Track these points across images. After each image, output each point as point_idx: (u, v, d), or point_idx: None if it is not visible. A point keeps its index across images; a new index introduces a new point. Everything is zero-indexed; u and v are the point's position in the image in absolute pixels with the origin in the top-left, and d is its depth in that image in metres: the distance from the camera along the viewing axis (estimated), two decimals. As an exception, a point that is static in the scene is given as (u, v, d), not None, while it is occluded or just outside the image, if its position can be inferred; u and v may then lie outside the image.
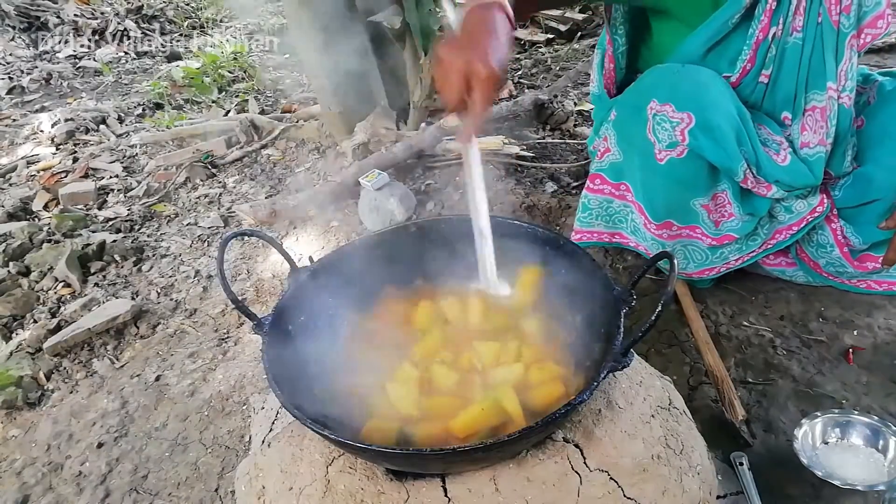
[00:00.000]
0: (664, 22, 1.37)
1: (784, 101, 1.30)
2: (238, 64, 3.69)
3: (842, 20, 1.19)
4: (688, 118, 1.19)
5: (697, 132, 1.18)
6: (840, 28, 1.20)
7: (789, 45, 1.24)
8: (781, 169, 1.25)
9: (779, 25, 1.22)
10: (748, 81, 1.29)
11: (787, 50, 1.24)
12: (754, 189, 1.27)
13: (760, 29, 1.22)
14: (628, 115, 1.30)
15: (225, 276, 0.85)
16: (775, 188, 1.26)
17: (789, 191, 1.28)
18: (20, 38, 4.60)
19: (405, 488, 0.81)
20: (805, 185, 1.28)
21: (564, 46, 3.55)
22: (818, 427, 1.13)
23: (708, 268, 1.44)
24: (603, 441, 0.84)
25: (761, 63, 1.26)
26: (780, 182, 1.26)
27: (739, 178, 1.24)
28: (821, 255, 1.42)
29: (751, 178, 1.24)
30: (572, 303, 0.97)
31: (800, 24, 1.21)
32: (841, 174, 1.35)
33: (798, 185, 1.27)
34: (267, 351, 0.86)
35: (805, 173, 1.27)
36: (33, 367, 1.61)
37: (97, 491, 1.29)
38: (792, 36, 1.23)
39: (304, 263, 1.03)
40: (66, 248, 2.01)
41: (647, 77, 1.28)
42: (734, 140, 1.19)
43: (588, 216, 1.47)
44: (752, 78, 1.28)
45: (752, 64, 1.26)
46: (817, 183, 1.29)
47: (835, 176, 1.36)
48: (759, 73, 1.27)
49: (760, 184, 1.26)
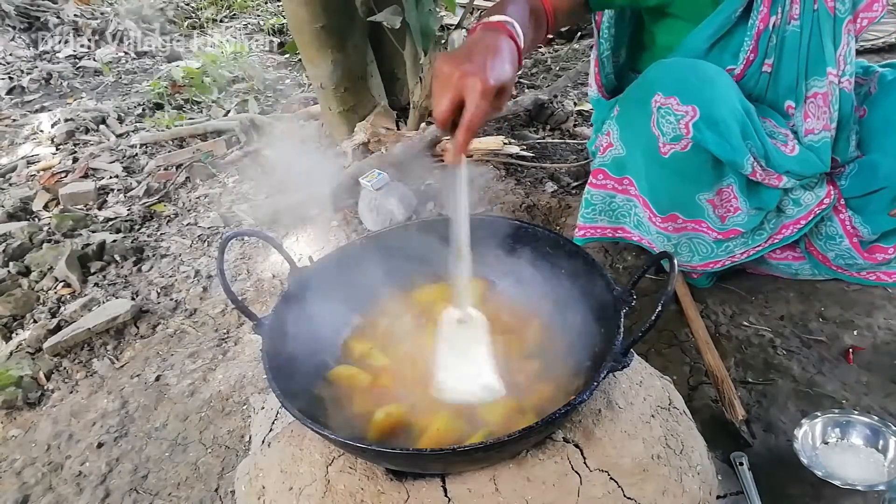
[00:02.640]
0: (662, 22, 1.37)
1: (787, 90, 1.31)
2: (238, 64, 3.69)
3: (837, 5, 1.22)
4: (692, 111, 1.19)
5: (702, 125, 1.19)
6: (836, 14, 1.22)
7: (788, 33, 1.25)
8: (791, 159, 1.26)
9: (777, 14, 1.23)
10: (752, 72, 1.30)
11: (786, 38, 1.26)
12: (764, 181, 1.27)
13: (760, 19, 1.24)
14: (632, 109, 1.30)
15: (225, 276, 0.85)
16: (786, 178, 1.27)
17: (800, 179, 1.29)
18: (20, 38, 4.60)
19: (405, 488, 0.81)
20: (815, 173, 1.29)
21: (564, 46, 3.55)
22: (818, 427, 1.13)
23: (713, 261, 1.44)
24: (603, 441, 0.84)
25: (763, 53, 1.27)
26: (790, 172, 1.27)
27: (747, 171, 1.24)
28: (830, 247, 1.43)
29: (759, 170, 1.25)
30: (572, 303, 0.97)
31: (797, 12, 1.23)
32: (847, 160, 1.36)
33: (808, 174, 1.28)
34: (267, 351, 0.86)
35: (814, 161, 1.28)
36: (33, 367, 1.61)
37: (97, 491, 1.29)
38: (790, 24, 1.24)
39: (304, 263, 1.03)
40: (66, 248, 2.01)
41: (652, 71, 1.28)
42: (739, 134, 1.20)
43: (591, 212, 1.48)
44: (756, 68, 1.30)
45: (755, 54, 1.28)
46: (826, 169, 1.30)
47: (841, 162, 1.36)
48: (762, 63, 1.29)
49: (770, 175, 1.27)
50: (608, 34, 1.45)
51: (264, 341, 0.87)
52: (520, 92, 2.96)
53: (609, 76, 1.52)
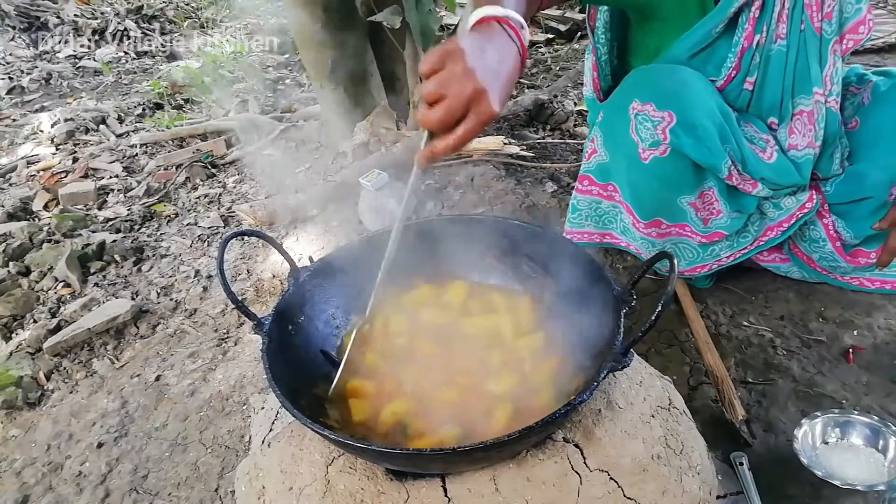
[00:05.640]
0: (648, 26, 1.37)
1: (770, 108, 1.31)
2: (238, 64, 3.69)
3: (824, 27, 1.22)
4: (669, 117, 1.19)
5: (679, 130, 1.19)
6: (822, 34, 1.22)
7: (773, 52, 1.25)
8: (767, 166, 1.26)
9: (762, 33, 1.23)
10: (733, 87, 1.30)
11: (771, 57, 1.26)
12: (739, 186, 1.27)
13: (745, 37, 1.24)
14: (613, 116, 1.31)
15: (225, 276, 0.85)
16: (761, 186, 1.27)
17: (775, 189, 1.29)
18: (20, 38, 4.60)
19: (405, 488, 0.81)
20: (791, 184, 1.29)
21: (564, 46, 3.55)
22: (818, 427, 1.13)
23: (699, 265, 1.44)
24: (603, 441, 0.84)
25: (746, 70, 1.27)
26: (765, 180, 1.26)
27: (724, 175, 1.24)
28: (814, 249, 1.43)
29: (735, 175, 1.25)
30: (572, 303, 0.97)
31: (783, 32, 1.23)
32: (829, 176, 1.36)
33: (784, 184, 1.28)
34: (267, 351, 0.86)
35: (791, 171, 1.28)
36: (33, 367, 1.61)
37: (97, 491, 1.29)
38: (776, 43, 1.24)
39: (304, 263, 1.03)
40: (66, 248, 2.01)
41: (630, 78, 1.29)
42: (717, 137, 1.20)
43: (578, 217, 1.48)
44: (737, 84, 1.30)
45: (737, 71, 1.28)
46: (804, 183, 1.30)
47: (822, 178, 1.36)
48: (743, 80, 1.29)
49: (746, 181, 1.27)
50: (604, 39, 1.45)
51: (264, 341, 0.87)
52: (520, 92, 2.96)
53: (606, 77, 1.52)
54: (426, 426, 0.87)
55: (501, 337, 0.99)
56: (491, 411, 0.88)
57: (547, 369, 0.94)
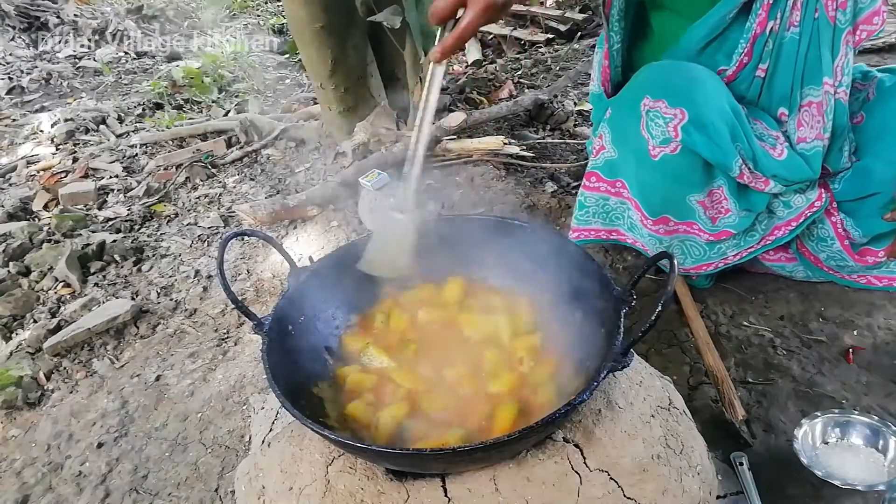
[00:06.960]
0: (662, 13, 1.37)
1: (780, 97, 1.31)
2: (238, 64, 3.69)
3: (838, 16, 1.21)
4: (681, 114, 1.19)
5: (690, 128, 1.19)
6: (836, 24, 1.21)
7: (786, 40, 1.25)
8: (778, 163, 1.26)
9: (776, 20, 1.23)
10: (745, 75, 1.30)
11: (783, 45, 1.25)
12: (751, 184, 1.27)
13: (758, 23, 1.23)
14: (623, 112, 1.31)
15: (225, 276, 0.85)
16: (773, 183, 1.27)
17: (787, 185, 1.28)
18: (20, 38, 4.60)
19: (405, 488, 0.81)
20: (803, 179, 1.29)
21: (564, 46, 3.55)
22: (818, 427, 1.13)
23: (706, 263, 1.44)
24: (603, 441, 0.84)
25: (758, 57, 1.27)
26: (777, 176, 1.26)
27: (735, 173, 1.24)
28: (821, 248, 1.43)
29: (747, 173, 1.25)
30: (572, 302, 0.97)
31: (797, 19, 1.22)
32: (838, 169, 1.36)
33: (796, 179, 1.28)
34: (267, 351, 0.86)
35: (802, 167, 1.27)
36: (33, 367, 1.61)
37: (97, 491, 1.29)
38: (789, 31, 1.24)
39: (304, 263, 1.03)
40: (66, 248, 2.01)
41: (642, 74, 1.28)
42: (728, 136, 1.19)
43: (585, 214, 1.48)
44: (749, 72, 1.29)
45: (749, 58, 1.27)
46: (815, 177, 1.30)
47: (832, 171, 1.36)
48: (755, 67, 1.28)
49: (757, 178, 1.27)
50: (618, 27, 1.45)
51: (264, 341, 0.87)
52: (520, 92, 2.96)
53: (617, 69, 1.52)
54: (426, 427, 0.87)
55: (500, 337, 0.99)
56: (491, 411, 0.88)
57: (546, 369, 0.94)
